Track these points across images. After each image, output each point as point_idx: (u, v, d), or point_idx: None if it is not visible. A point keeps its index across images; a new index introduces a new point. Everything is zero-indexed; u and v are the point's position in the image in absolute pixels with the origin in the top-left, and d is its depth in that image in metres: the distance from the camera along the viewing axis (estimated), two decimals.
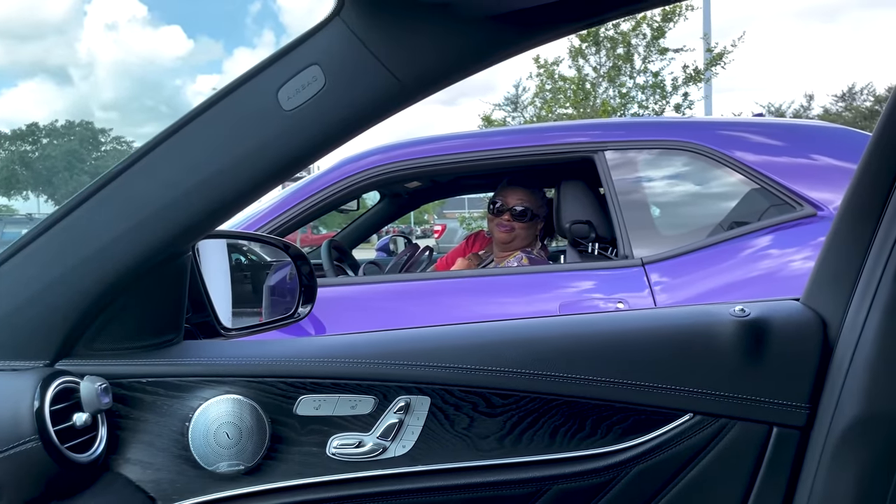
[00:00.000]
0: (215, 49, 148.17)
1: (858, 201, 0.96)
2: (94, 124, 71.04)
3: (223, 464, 0.87)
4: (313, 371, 0.91)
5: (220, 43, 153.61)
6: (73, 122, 68.45)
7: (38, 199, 63.69)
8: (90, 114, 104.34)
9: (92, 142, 67.17)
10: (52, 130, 67.06)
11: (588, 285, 2.32)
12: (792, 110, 29.77)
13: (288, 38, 0.83)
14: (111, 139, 68.33)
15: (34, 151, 65.49)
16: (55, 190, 61.57)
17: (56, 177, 62.82)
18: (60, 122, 68.28)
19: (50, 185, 62.99)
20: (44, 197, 63.63)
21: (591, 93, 12.87)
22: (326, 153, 0.84)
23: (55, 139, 66.17)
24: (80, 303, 0.84)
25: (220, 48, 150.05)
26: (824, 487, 0.91)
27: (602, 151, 2.44)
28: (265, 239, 1.52)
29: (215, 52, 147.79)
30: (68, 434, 0.79)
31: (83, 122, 69.11)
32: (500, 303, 2.33)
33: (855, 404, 0.90)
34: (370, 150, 2.56)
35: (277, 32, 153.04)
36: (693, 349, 0.96)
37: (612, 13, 0.79)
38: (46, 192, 63.31)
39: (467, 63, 0.79)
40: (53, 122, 68.25)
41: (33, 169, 63.97)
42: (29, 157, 64.74)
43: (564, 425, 0.94)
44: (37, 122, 67.40)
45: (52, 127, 67.32)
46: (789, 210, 2.27)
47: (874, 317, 0.91)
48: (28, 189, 64.73)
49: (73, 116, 79.17)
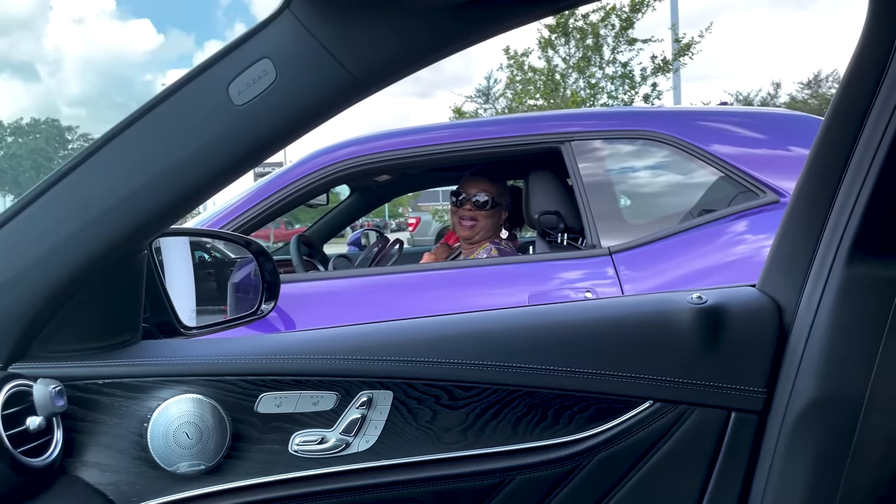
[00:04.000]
0: (186, 42, 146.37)
1: (810, 188, 0.97)
2: (61, 122, 70.05)
3: (184, 464, 0.87)
4: (273, 368, 0.91)
5: (192, 36, 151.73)
6: (38, 120, 67.37)
7: (5, 199, 62.59)
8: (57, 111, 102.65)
9: (59, 139, 66.15)
10: (18, 128, 65.90)
11: (556, 275, 2.33)
12: (759, 98, 30.12)
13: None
14: (78, 136, 67.36)
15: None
16: (22, 189, 60.52)
17: (22, 175, 61.77)
18: (26, 119, 67.25)
19: (17, 184, 61.93)
20: (10, 196, 62.55)
21: (561, 84, 12.92)
22: (280, 148, 0.83)
23: (20, 137, 65.05)
24: (32, 304, 0.82)
25: (192, 42, 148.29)
26: (781, 470, 0.93)
27: (568, 142, 2.45)
28: (225, 236, 1.51)
29: (186, 45, 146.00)
30: (22, 438, 0.78)
31: (49, 120, 68.05)
32: (470, 294, 2.33)
33: (810, 388, 0.92)
34: (343, 143, 2.54)
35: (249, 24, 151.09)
36: (652, 337, 0.97)
37: (565, 3, 0.79)
38: (14, 191, 62.24)
39: (420, 55, 0.79)
40: (18, 119, 67.18)
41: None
42: None
43: (527, 416, 0.95)
44: (1, 120, 66.22)
45: (17, 125, 66.17)
46: (753, 197, 2.30)
47: (826, 301, 0.92)
48: None
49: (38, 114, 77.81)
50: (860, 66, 0.89)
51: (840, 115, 0.93)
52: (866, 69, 0.89)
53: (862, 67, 0.89)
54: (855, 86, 0.90)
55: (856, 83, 0.90)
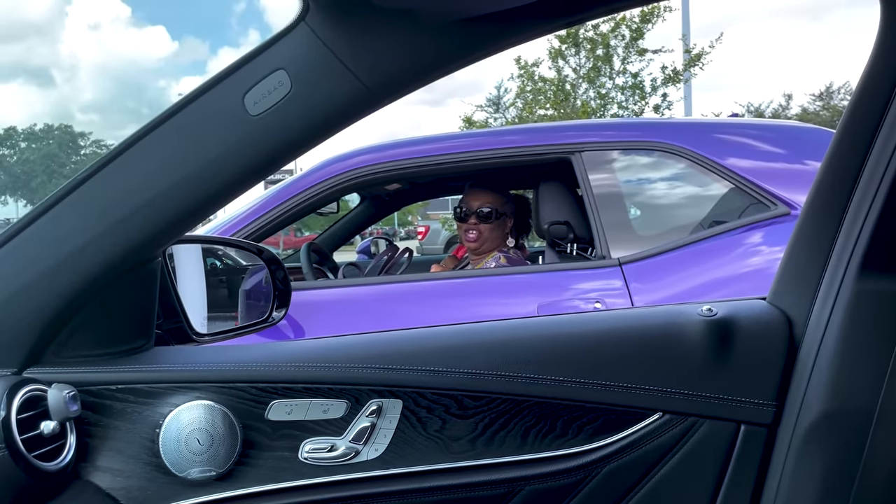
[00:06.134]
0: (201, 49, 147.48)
1: (821, 200, 0.97)
2: (74, 127, 70.54)
3: (194, 470, 0.87)
4: (284, 376, 0.91)
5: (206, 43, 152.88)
6: (51, 126, 67.88)
7: (17, 204, 63.05)
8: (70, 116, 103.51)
9: (71, 145, 66.62)
10: (31, 134, 66.43)
11: (566, 285, 2.33)
12: (771, 110, 30.03)
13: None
14: (91, 142, 67.81)
15: (12, 156, 64.85)
16: (34, 194, 61.02)
17: (34, 181, 62.22)
18: (39, 125, 67.76)
19: (29, 189, 62.36)
20: (23, 202, 63.00)
21: (571, 94, 12.93)
22: (294, 158, 0.84)
23: (33, 143, 65.57)
24: (47, 310, 0.83)
25: (206, 49, 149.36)
26: (791, 483, 0.93)
27: (579, 153, 2.45)
28: (238, 243, 1.52)
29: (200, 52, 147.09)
30: (36, 443, 0.78)
31: (62, 126, 68.55)
32: (478, 304, 2.34)
33: (820, 401, 0.91)
34: (355, 151, 2.55)
35: (263, 32, 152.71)
36: (662, 349, 0.97)
37: (578, 16, 0.80)
38: (25, 196, 62.68)
39: (434, 67, 0.80)
40: (32, 125, 67.74)
41: (11, 173, 63.34)
42: (7, 161, 64.10)
43: (536, 426, 0.95)
44: (15, 125, 66.82)
45: (30, 131, 66.72)
46: (763, 209, 2.30)
47: (837, 315, 0.92)
48: (6, 194, 64.09)
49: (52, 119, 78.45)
50: (872, 79, 0.90)
51: (851, 128, 0.93)
52: (878, 82, 0.89)
53: (874, 80, 0.89)
54: (866, 99, 0.91)
55: (867, 96, 0.90)
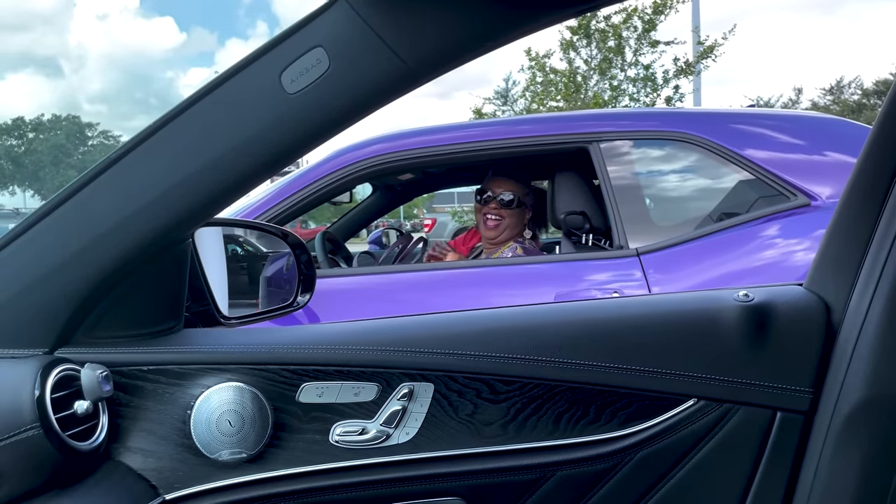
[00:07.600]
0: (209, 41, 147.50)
1: (861, 188, 0.96)
2: (82, 118, 70.68)
3: (225, 452, 0.87)
4: (316, 358, 0.91)
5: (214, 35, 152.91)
6: (59, 117, 68.00)
7: (25, 195, 63.28)
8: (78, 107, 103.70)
9: (79, 136, 66.77)
10: (39, 125, 66.59)
11: (583, 276, 2.31)
12: (780, 103, 29.87)
13: (281, 29, 0.82)
14: (98, 133, 67.94)
15: (20, 146, 65.04)
16: (42, 185, 61.21)
17: (42, 171, 62.42)
18: (47, 116, 67.90)
19: (37, 179, 62.58)
20: (30, 192, 63.23)
21: (583, 85, 12.86)
22: (330, 137, 0.82)
23: (41, 133, 65.73)
24: (80, 290, 0.83)
25: (214, 40, 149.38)
26: (828, 472, 0.92)
27: (597, 142, 2.44)
28: (264, 227, 1.51)
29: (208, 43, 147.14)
30: (69, 422, 0.78)
31: (70, 117, 68.69)
32: (495, 293, 2.33)
33: (859, 388, 0.90)
34: (369, 140, 2.54)
35: (271, 23, 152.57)
36: (697, 334, 0.96)
37: None
38: (33, 186, 62.91)
39: (473, 45, 0.79)
40: (40, 116, 67.87)
41: (20, 164, 63.53)
42: (15, 151, 64.29)
43: (568, 411, 0.94)
44: (23, 116, 66.98)
45: (38, 121, 66.86)
46: (783, 200, 2.28)
47: (878, 302, 0.91)
48: (14, 184, 64.32)
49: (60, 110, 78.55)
50: None
51: (891, 117, 0.92)
52: None
53: None
54: None
55: None
